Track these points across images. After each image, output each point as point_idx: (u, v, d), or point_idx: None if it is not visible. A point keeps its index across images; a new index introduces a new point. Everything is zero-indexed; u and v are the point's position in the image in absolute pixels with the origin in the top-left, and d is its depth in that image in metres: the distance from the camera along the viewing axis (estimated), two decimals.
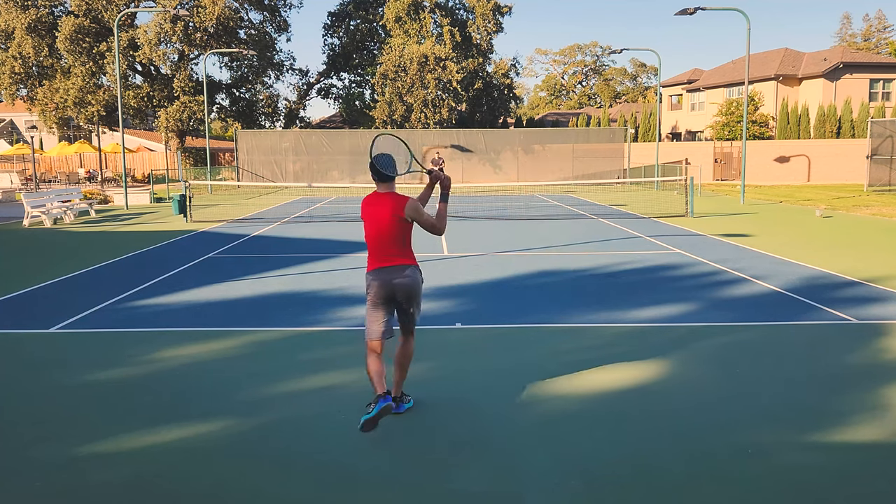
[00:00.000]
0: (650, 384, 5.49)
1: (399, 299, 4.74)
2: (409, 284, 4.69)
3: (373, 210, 4.71)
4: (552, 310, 8.03)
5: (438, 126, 39.79)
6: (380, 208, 4.68)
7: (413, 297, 4.76)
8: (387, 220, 4.65)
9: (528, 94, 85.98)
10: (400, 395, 4.99)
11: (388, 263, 4.68)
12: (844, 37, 69.41)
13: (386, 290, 4.68)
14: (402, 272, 4.68)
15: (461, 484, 3.90)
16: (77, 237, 15.66)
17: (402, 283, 4.68)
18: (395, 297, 4.71)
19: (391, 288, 4.68)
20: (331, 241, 14.38)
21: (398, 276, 4.67)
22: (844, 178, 35.20)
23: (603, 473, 4.00)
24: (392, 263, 4.68)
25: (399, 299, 4.74)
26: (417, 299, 4.81)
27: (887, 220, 17.30)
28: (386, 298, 4.71)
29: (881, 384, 5.41)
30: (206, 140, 34.19)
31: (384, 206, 4.67)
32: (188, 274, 10.52)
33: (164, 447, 4.40)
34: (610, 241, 13.86)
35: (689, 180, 19.05)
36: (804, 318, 7.48)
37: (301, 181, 34.97)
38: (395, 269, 4.67)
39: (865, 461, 4.14)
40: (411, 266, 4.73)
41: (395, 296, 4.71)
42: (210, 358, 6.30)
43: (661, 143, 39.87)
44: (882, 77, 41.46)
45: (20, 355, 6.48)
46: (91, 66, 36.58)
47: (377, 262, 4.71)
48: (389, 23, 42.00)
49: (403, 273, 4.68)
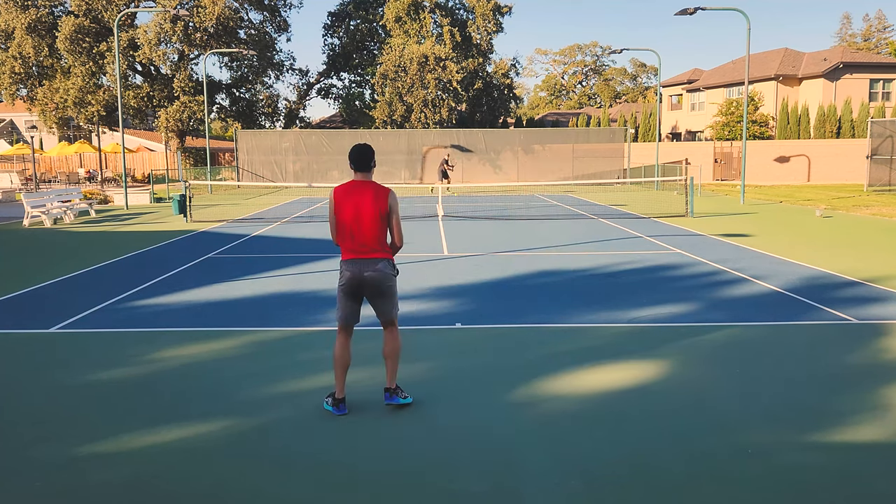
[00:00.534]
0: (650, 384, 5.49)
1: (366, 293, 4.81)
2: (378, 278, 4.75)
3: (352, 199, 4.73)
4: (552, 310, 8.03)
5: (438, 126, 39.79)
6: (361, 197, 4.73)
7: (381, 290, 4.80)
8: (368, 208, 4.70)
9: (528, 94, 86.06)
10: (395, 388, 5.01)
11: (362, 255, 4.75)
12: (844, 37, 69.44)
13: (356, 280, 4.76)
14: (375, 265, 4.74)
15: (461, 484, 3.90)
16: (77, 237, 15.66)
17: (372, 277, 4.74)
18: (362, 289, 4.79)
19: (361, 280, 4.75)
20: (331, 241, 14.35)
21: (369, 269, 4.73)
22: (844, 178, 35.20)
23: (603, 473, 4.00)
24: (366, 256, 4.74)
25: (366, 293, 4.81)
26: (388, 291, 4.84)
27: (887, 220, 17.30)
28: (355, 288, 4.79)
29: (881, 384, 5.41)
30: (206, 140, 34.19)
31: (366, 194, 4.73)
32: (188, 274, 10.52)
33: (164, 447, 4.40)
34: (610, 241, 13.86)
35: (689, 180, 19.05)
36: (804, 318, 7.48)
37: (301, 181, 34.97)
38: (368, 262, 4.74)
39: (866, 461, 4.14)
40: (384, 259, 4.79)
41: (363, 289, 4.79)
42: (210, 358, 6.30)
43: (661, 143, 39.87)
44: (882, 77, 41.46)
45: (20, 355, 6.48)
46: (91, 66, 36.59)
47: (352, 252, 4.77)
48: (389, 23, 42.00)
49: (375, 266, 4.74)
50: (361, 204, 4.71)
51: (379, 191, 4.76)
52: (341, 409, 4.83)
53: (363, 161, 4.77)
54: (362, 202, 4.71)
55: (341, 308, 4.88)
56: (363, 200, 4.71)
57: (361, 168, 4.79)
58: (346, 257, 4.81)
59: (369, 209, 4.70)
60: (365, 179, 4.81)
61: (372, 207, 4.70)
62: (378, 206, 4.71)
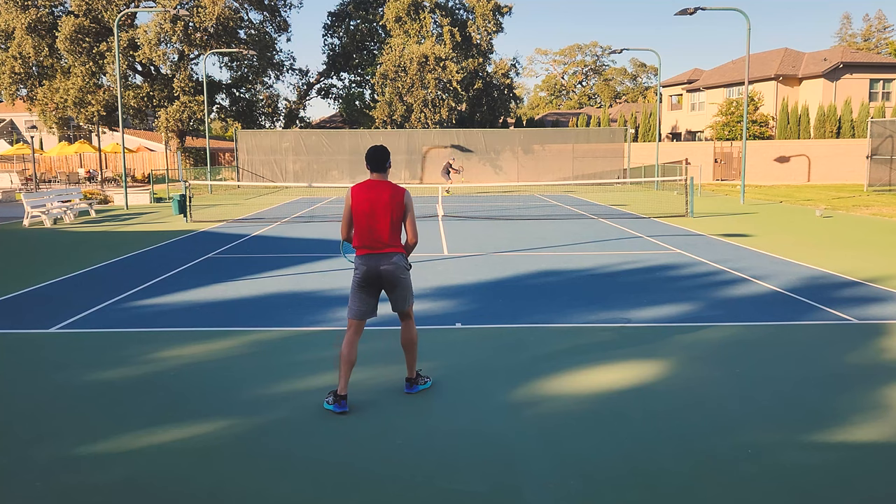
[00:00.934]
0: (650, 384, 5.48)
1: (384, 286, 5.02)
2: (393, 271, 4.96)
3: (369, 195, 4.92)
4: (552, 310, 8.03)
5: (438, 126, 39.79)
6: (378, 193, 4.93)
7: (397, 283, 5.01)
8: (384, 204, 4.91)
9: (528, 94, 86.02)
10: (415, 377, 5.30)
11: (377, 250, 4.94)
12: (844, 37, 69.43)
13: (372, 275, 4.95)
14: (390, 259, 4.95)
15: (461, 484, 3.90)
16: (77, 237, 15.66)
17: (388, 270, 4.95)
18: (380, 282, 5.00)
19: (378, 273, 4.95)
20: (331, 241, 14.37)
21: (385, 263, 4.94)
22: (844, 178, 35.20)
23: (603, 473, 4.00)
24: (382, 251, 4.94)
25: (384, 286, 5.02)
26: (403, 283, 5.04)
27: (887, 220, 17.29)
28: (371, 283, 4.99)
29: (881, 384, 5.41)
30: (206, 140, 34.19)
31: (382, 191, 4.94)
32: (188, 274, 10.52)
33: (164, 447, 4.39)
34: (610, 241, 13.86)
35: (689, 180, 19.04)
36: (804, 318, 7.48)
37: (301, 181, 34.98)
38: (383, 256, 4.94)
39: (865, 461, 4.13)
40: (398, 253, 5.00)
41: (381, 282, 4.99)
42: (210, 358, 6.30)
43: (661, 143, 39.87)
44: (882, 77, 41.46)
45: (20, 355, 6.48)
46: (91, 66, 36.59)
47: (367, 248, 4.96)
48: (389, 23, 41.99)
49: (391, 260, 4.95)
50: (377, 202, 4.90)
51: (395, 190, 4.96)
52: (342, 405, 4.89)
53: (378, 161, 4.98)
54: (378, 200, 4.90)
55: (355, 302, 5.04)
56: (379, 199, 4.91)
57: (377, 168, 4.99)
58: (360, 253, 4.99)
59: (385, 207, 4.90)
60: (381, 179, 5.01)
61: (387, 205, 4.90)
62: (393, 205, 4.92)
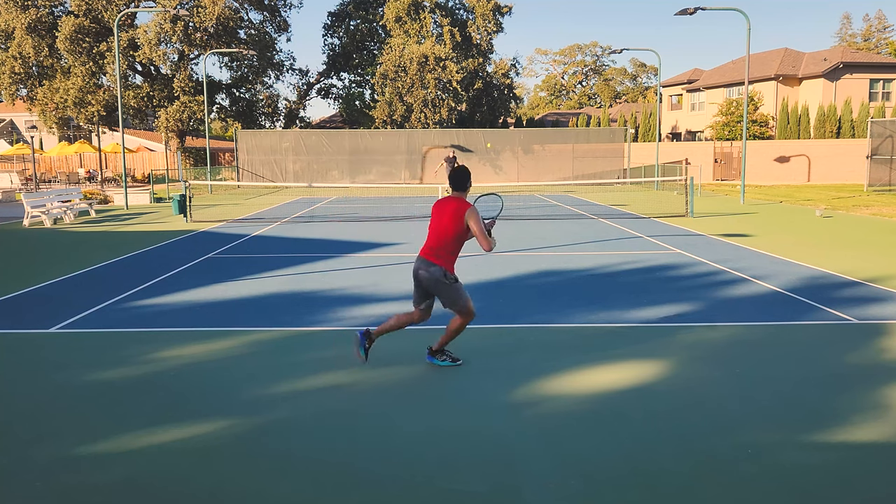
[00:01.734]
0: (650, 384, 5.49)
1: (424, 287, 5.62)
2: (427, 278, 5.54)
3: (439, 209, 5.60)
4: (552, 310, 8.03)
5: (438, 126, 39.79)
6: (445, 206, 5.58)
7: (434, 289, 5.56)
8: (447, 216, 5.50)
9: (528, 94, 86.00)
10: (440, 350, 5.87)
11: (424, 255, 5.58)
12: (844, 37, 69.42)
13: (415, 273, 5.63)
14: (428, 267, 5.53)
15: (461, 484, 3.90)
16: (77, 237, 15.66)
17: (423, 276, 5.56)
18: (419, 282, 5.62)
19: (416, 275, 5.62)
20: (331, 241, 14.38)
21: (423, 268, 5.56)
22: (844, 178, 35.20)
23: (603, 473, 4.00)
24: (427, 257, 5.55)
25: (424, 287, 5.62)
26: (441, 291, 5.54)
27: (887, 220, 17.29)
28: (415, 279, 5.66)
29: (881, 384, 5.41)
30: (206, 140, 34.19)
31: (449, 205, 5.57)
32: (188, 274, 10.52)
33: (164, 447, 4.39)
34: (610, 241, 13.86)
35: (689, 180, 19.04)
36: (804, 318, 7.48)
37: (301, 181, 34.98)
38: (425, 262, 5.55)
39: (865, 461, 4.13)
40: (436, 265, 5.51)
41: (419, 282, 5.61)
42: (210, 358, 6.30)
43: (661, 143, 39.87)
44: (882, 77, 41.45)
45: (20, 355, 6.48)
46: (91, 66, 36.59)
47: (423, 251, 5.62)
48: (389, 23, 41.99)
49: (428, 268, 5.53)
50: (441, 214, 5.58)
51: (459, 204, 5.51)
52: (362, 340, 5.68)
53: (458, 182, 5.62)
54: (444, 213, 5.56)
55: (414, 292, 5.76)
56: (445, 212, 5.55)
57: (457, 188, 5.64)
58: (419, 253, 5.67)
59: (447, 221, 5.51)
60: (457, 196, 5.60)
61: (449, 219, 5.50)
62: (454, 217, 5.48)
